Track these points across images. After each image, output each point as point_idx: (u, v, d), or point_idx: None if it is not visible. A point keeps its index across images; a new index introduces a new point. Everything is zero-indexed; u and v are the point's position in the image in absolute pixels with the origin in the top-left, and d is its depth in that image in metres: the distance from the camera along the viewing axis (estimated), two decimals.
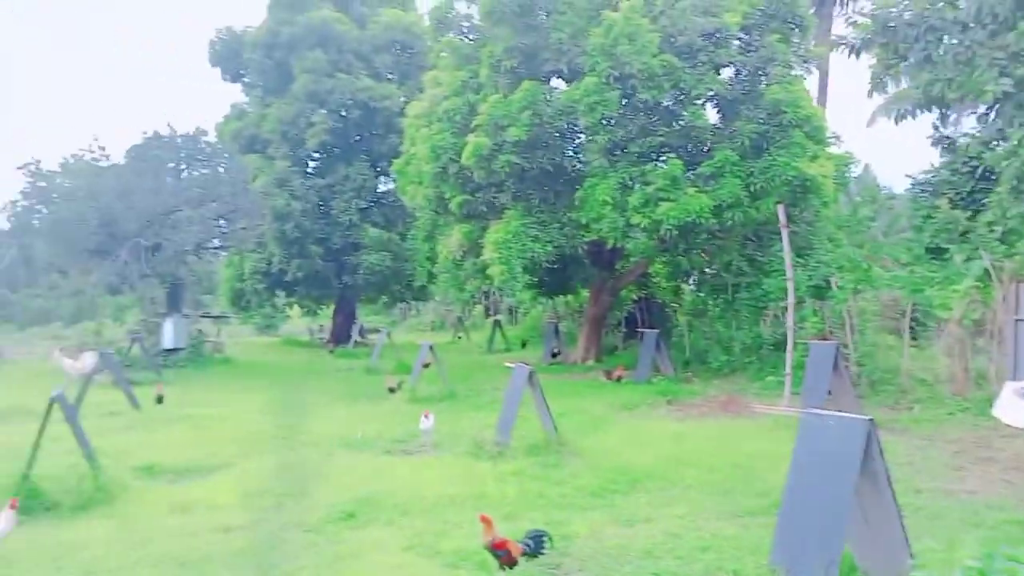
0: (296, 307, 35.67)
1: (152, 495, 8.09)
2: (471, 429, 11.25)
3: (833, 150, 17.96)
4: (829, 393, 11.03)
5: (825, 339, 13.08)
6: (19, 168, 19.27)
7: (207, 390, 16.97)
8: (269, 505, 7.71)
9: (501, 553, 5.43)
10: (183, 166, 21.34)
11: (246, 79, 29.34)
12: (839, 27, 25.08)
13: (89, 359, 8.65)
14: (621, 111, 15.99)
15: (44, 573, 5.87)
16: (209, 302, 46.44)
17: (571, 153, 18.13)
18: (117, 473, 8.36)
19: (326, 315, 37.18)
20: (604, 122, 15.93)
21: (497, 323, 28.39)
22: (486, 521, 5.55)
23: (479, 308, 39.79)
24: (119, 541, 6.56)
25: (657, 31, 15.67)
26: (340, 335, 30.72)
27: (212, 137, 25.58)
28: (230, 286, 30.87)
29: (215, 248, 24.20)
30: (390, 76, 29.30)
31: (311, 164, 29.50)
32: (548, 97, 17.23)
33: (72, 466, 8.56)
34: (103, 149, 20.67)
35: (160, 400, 13.93)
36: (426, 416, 10.63)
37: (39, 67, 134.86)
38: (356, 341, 28.88)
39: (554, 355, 21.57)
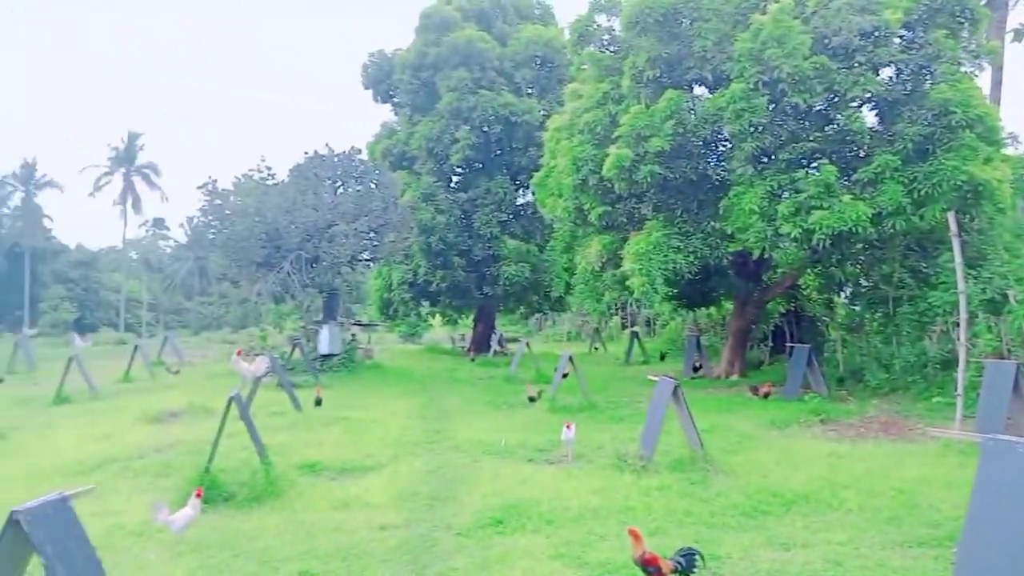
0: (438, 316, 36.98)
1: (315, 491, 8.64)
2: (612, 441, 11.19)
3: (1010, 151, 16.40)
4: (1009, 418, 10.06)
5: (1002, 358, 11.93)
6: (199, 187, 21.30)
7: (359, 394, 17.93)
8: (420, 506, 8.04)
9: (652, 569, 5.37)
10: (339, 183, 22.79)
11: (395, 99, 30.88)
12: (1018, 16, 22.90)
13: (262, 363, 9.39)
14: (769, 117, 15.40)
15: (225, 558, 6.42)
16: (357, 311, 49.09)
17: (715, 162, 17.65)
18: (284, 469, 9.01)
19: (466, 324, 38.24)
20: (751, 129, 15.39)
21: (635, 335, 28.07)
22: (635, 535, 5.51)
23: (616, 319, 39.51)
24: (288, 533, 7.07)
25: (809, 32, 14.99)
26: (480, 344, 31.51)
27: (364, 155, 27.13)
28: (379, 296, 32.52)
29: (366, 260, 25.57)
30: (530, 91, 29.87)
31: (454, 179, 30.56)
32: (692, 106, 16.90)
33: (245, 461, 9.34)
34: (270, 169, 22.52)
35: (319, 402, 14.87)
36: (568, 427, 10.68)
37: (212, 96, 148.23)
38: (495, 350, 29.54)
39: (695, 369, 21.02)
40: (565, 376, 16.36)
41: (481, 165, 29.73)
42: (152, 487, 8.88)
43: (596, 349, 32.87)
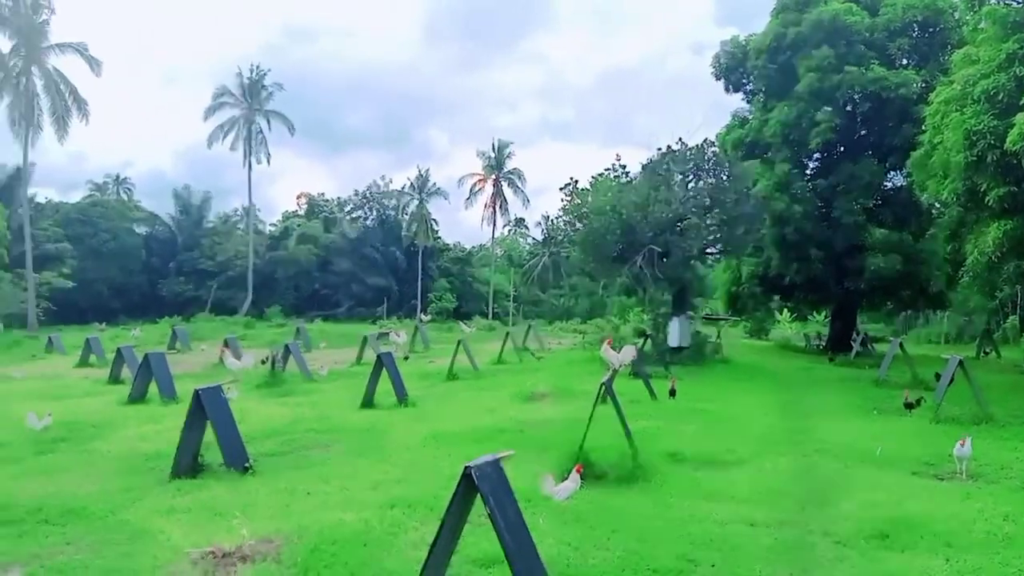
0: (786, 312, 35.05)
1: (680, 480, 8.85)
2: (1020, 462, 9.56)
3: None
4: None
5: None
6: (560, 188, 23.10)
7: (712, 388, 17.82)
8: (791, 507, 7.76)
9: None
10: (691, 177, 22.87)
11: (748, 86, 29.92)
12: None
13: (628, 352, 9.90)
14: None
15: (605, 532, 6.90)
16: (700, 304, 48.66)
17: None
18: (649, 455, 9.36)
19: (817, 321, 35.61)
20: None
21: None
22: None
23: (1011, 320, 33.46)
24: (659, 517, 7.35)
25: None
26: (839, 342, 29.09)
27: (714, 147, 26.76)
28: (726, 289, 31.86)
29: (715, 253, 25.28)
30: (906, 61, 26.65)
31: (812, 165, 28.66)
32: None
33: (611, 444, 9.91)
34: (624, 167, 23.49)
35: (673, 394, 15.14)
36: (962, 442, 9.37)
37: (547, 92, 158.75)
38: (857, 351, 27.00)
39: None
40: (950, 383, 14.36)
41: (843, 148, 27.39)
42: (535, 459, 9.87)
43: (986, 353, 28.23)
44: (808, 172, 28.38)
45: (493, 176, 67.76)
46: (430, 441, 11.21)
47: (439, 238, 73.11)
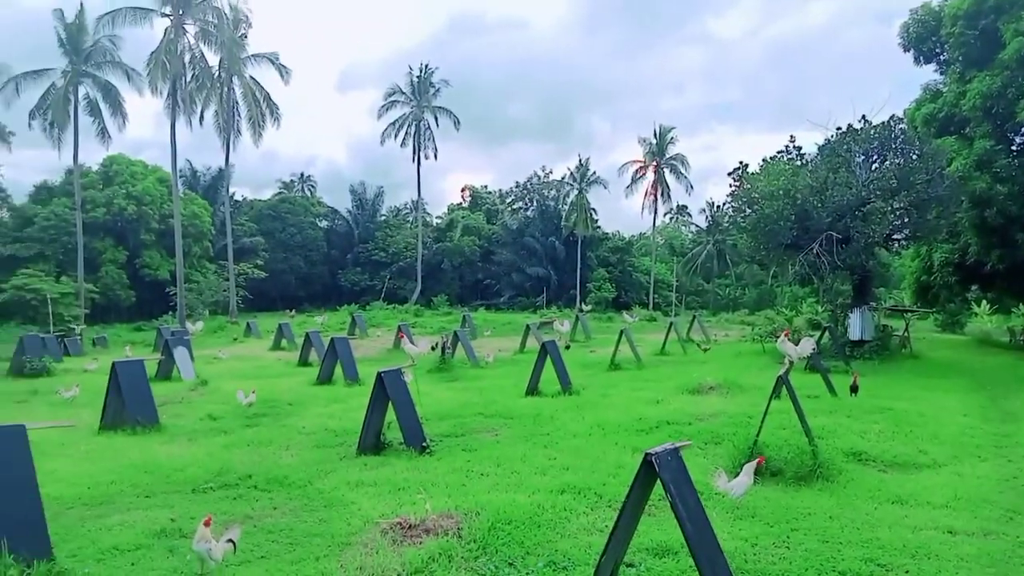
0: (984, 303, 31.60)
1: (866, 481, 8.30)
2: None
3: None
4: None
5: None
6: (728, 174, 22.23)
7: (898, 384, 16.51)
8: (997, 517, 7.06)
9: None
10: (874, 157, 21.16)
11: (942, 56, 27.19)
12: None
13: (807, 344, 9.39)
14: None
15: (784, 529, 6.62)
16: (882, 295, 45.05)
17: None
18: (830, 454, 8.85)
19: (1021, 313, 31.77)
20: None
21: None
22: None
23: None
24: (844, 518, 6.95)
25: None
26: None
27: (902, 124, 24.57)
28: (915, 279, 29.28)
29: (902, 239, 23.27)
30: None
31: (1019, 140, 25.52)
32: None
33: (786, 440, 9.47)
34: (799, 149, 22.16)
35: (855, 390, 14.18)
36: None
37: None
38: None
39: None
40: None
41: None
42: (704, 452, 9.67)
43: None
44: (1015, 148, 25.32)
45: (654, 163, 66.47)
46: (595, 430, 11.28)
47: (598, 227, 72.89)
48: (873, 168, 21.06)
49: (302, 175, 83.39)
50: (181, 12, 46.67)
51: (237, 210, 68.89)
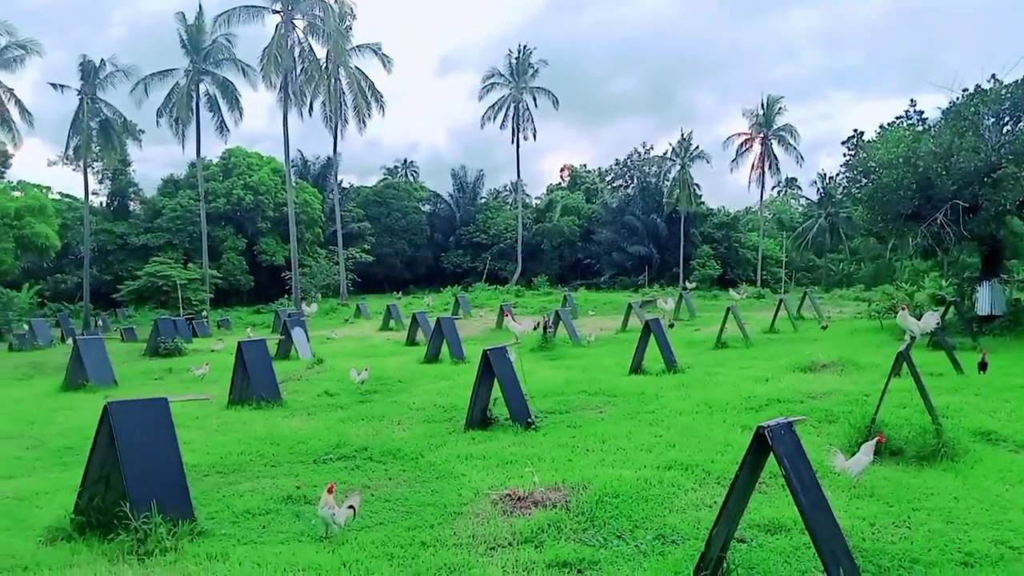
0: None
1: (995, 461, 7.83)
2: None
3: None
4: None
5: None
6: (843, 143, 21.11)
7: None
8: None
9: None
10: (1006, 119, 19.55)
11: None
12: None
13: (931, 318, 8.91)
14: None
15: (904, 509, 6.36)
16: (1015, 268, 41.77)
17: None
18: (954, 433, 8.39)
19: None
20: None
21: None
22: None
23: None
24: (971, 499, 6.60)
25: None
26: None
27: None
28: None
29: None
30: None
31: None
32: None
33: (906, 419, 9.07)
34: (920, 114, 20.74)
35: (983, 367, 13.30)
36: None
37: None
38: None
39: None
40: None
41: None
42: (817, 431, 9.37)
43: None
44: None
45: (761, 135, 63.98)
46: (702, 408, 11.13)
47: (702, 203, 70.96)
48: (1005, 131, 19.47)
49: (405, 161, 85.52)
50: (290, 8, 48.62)
51: (345, 197, 71.42)
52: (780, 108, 64.20)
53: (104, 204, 65.84)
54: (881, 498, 6.72)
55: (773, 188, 77.56)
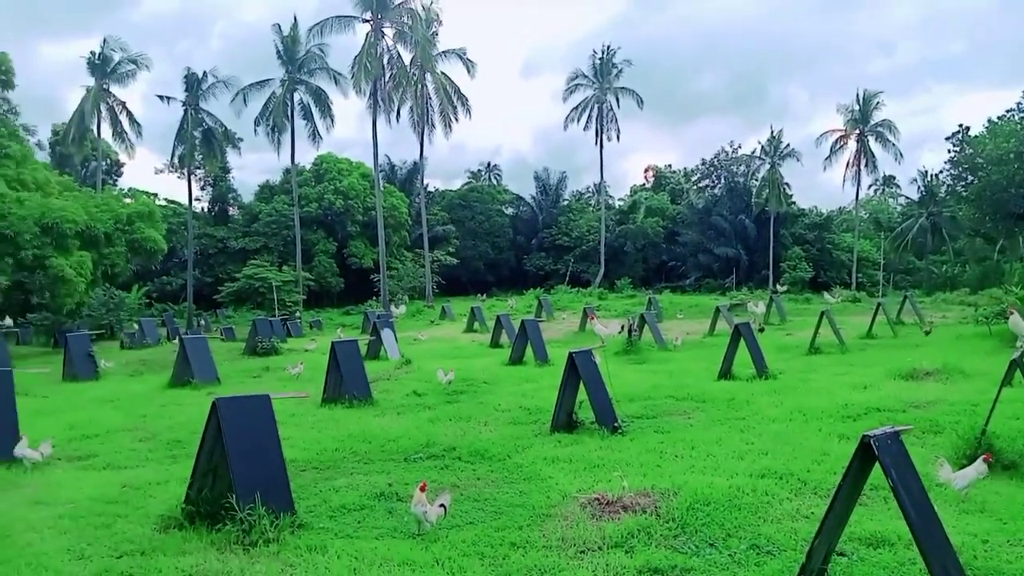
0: None
1: None
2: None
3: None
4: None
5: None
6: (947, 138, 20.04)
7: None
8: None
9: None
10: None
11: None
12: None
13: None
14: None
15: (1018, 527, 5.99)
16: None
17: None
18: None
19: None
20: None
21: None
22: None
23: None
24: None
25: None
26: None
27: None
28: None
29: None
30: None
31: None
32: None
33: (1021, 431, 8.53)
34: None
35: None
36: None
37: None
38: None
39: None
40: None
41: None
42: (921, 442, 8.93)
43: None
44: None
45: (856, 131, 61.37)
46: (796, 415, 10.79)
47: (793, 203, 68.65)
48: None
49: (489, 164, 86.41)
50: (380, 16, 50.00)
51: (430, 200, 72.79)
52: (877, 103, 61.45)
53: (206, 209, 69.43)
54: (994, 514, 6.35)
55: (870, 187, 74.47)
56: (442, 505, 6.36)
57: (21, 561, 5.83)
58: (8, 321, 31.87)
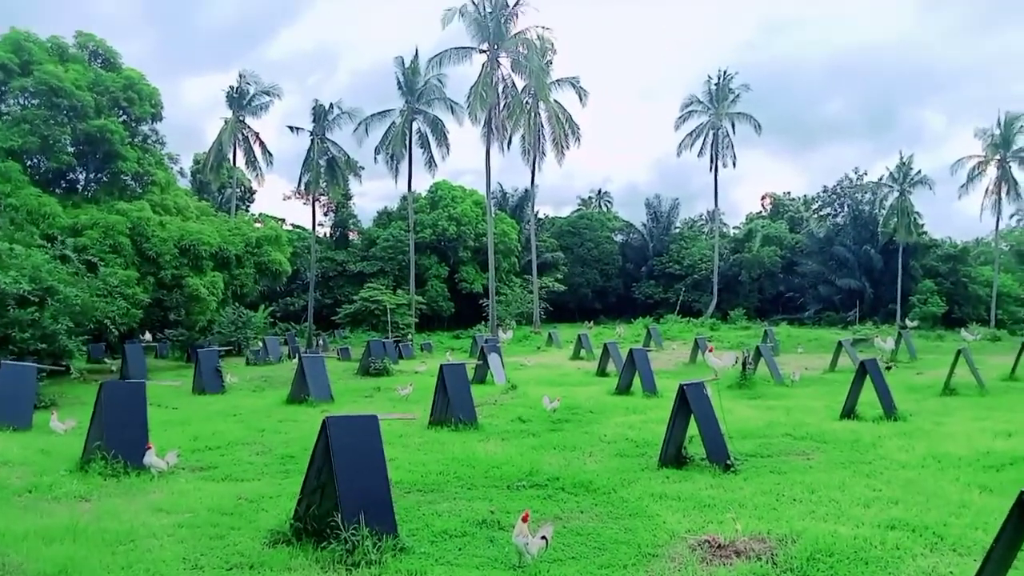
0: None
1: None
2: None
3: None
4: None
5: None
6: None
7: None
8: None
9: None
10: None
11: None
12: None
13: None
14: None
15: None
16: None
17: None
18: None
19: None
20: None
21: None
22: None
23: None
24: None
25: None
26: None
27: None
28: None
29: None
30: None
31: None
32: None
33: None
34: None
35: None
36: None
37: None
38: None
39: None
40: None
41: None
42: None
43: None
44: None
45: (997, 156, 57.03)
46: (929, 461, 9.94)
47: (924, 233, 64.29)
48: None
49: (599, 191, 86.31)
50: (496, 47, 51.19)
51: (540, 227, 73.26)
52: (1021, 126, 56.89)
53: (328, 234, 72.78)
54: None
55: (1011, 216, 68.78)
56: (544, 537, 6.20)
57: (141, 567, 6.12)
58: (148, 336, 34.38)
